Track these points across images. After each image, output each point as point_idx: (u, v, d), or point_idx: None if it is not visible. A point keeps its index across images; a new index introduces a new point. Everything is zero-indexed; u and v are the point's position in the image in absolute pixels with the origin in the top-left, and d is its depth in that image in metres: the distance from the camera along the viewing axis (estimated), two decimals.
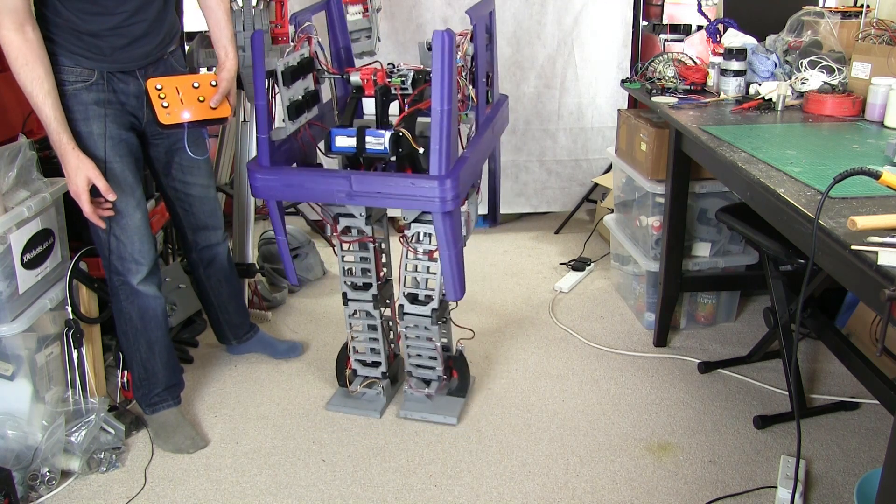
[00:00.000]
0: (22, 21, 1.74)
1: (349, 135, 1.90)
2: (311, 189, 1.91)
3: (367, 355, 2.35)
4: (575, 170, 3.85)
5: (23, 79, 1.77)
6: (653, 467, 2.07)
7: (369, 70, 2.01)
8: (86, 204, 1.88)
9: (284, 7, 2.71)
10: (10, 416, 1.98)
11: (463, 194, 1.89)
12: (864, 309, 2.55)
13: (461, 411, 2.31)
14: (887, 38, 2.22)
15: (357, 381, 2.37)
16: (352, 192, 1.87)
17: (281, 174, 1.93)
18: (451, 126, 1.79)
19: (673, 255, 2.55)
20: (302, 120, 2.03)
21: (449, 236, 1.89)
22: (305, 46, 2.02)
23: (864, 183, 1.43)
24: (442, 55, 1.73)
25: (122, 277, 2.07)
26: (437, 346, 2.22)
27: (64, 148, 1.84)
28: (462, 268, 1.99)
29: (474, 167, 2.00)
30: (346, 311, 2.26)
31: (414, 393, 2.32)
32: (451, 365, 2.34)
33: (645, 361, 2.61)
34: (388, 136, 1.87)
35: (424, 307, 2.15)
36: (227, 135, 3.38)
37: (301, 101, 2.00)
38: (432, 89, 1.78)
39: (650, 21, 3.73)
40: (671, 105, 2.38)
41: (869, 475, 1.76)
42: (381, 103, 1.98)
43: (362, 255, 2.19)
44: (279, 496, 1.99)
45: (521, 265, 3.45)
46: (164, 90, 1.93)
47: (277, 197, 1.98)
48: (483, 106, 2.10)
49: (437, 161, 1.80)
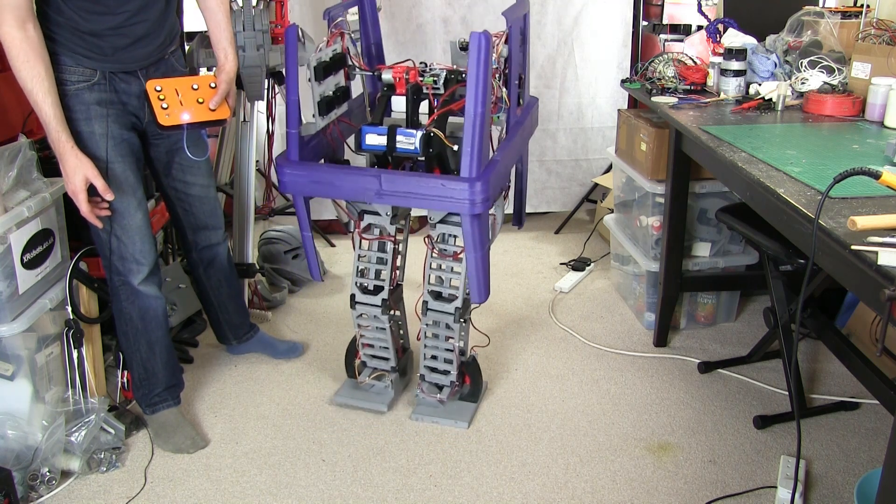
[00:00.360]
0: (24, 18, 1.74)
1: (380, 133, 1.89)
2: (340, 187, 1.90)
3: (378, 351, 2.34)
4: (575, 170, 3.85)
5: (23, 76, 1.77)
6: (653, 467, 2.07)
7: (402, 68, 2.00)
8: (83, 203, 1.87)
9: (284, 7, 2.71)
10: (10, 416, 1.98)
11: (493, 197, 1.88)
12: (864, 309, 2.55)
13: (472, 416, 2.29)
14: (887, 38, 2.22)
15: (366, 373, 2.36)
16: (381, 192, 1.86)
17: (310, 170, 1.93)
18: (483, 128, 1.78)
19: (673, 255, 2.55)
20: (332, 116, 2.03)
21: (477, 239, 1.89)
22: (338, 42, 2.01)
23: (864, 183, 1.43)
24: (479, 57, 1.72)
25: (123, 278, 2.07)
26: (455, 346, 2.20)
27: (63, 146, 1.83)
28: (487, 270, 1.98)
29: (504, 170, 1.99)
30: (353, 313, 2.25)
31: (426, 398, 2.30)
32: (465, 370, 2.32)
33: (645, 361, 2.61)
34: (419, 135, 1.87)
35: (448, 305, 2.14)
36: (227, 135, 3.38)
37: (332, 96, 2.00)
38: (467, 91, 1.76)
39: (650, 21, 3.73)
40: (671, 105, 2.38)
41: (869, 475, 1.76)
42: (411, 102, 1.98)
43: (379, 255, 2.19)
44: (279, 496, 1.99)
45: (521, 265, 3.45)
46: (164, 91, 1.93)
47: (305, 193, 1.97)
48: (514, 108, 2.09)
49: (468, 163, 1.79)
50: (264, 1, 2.66)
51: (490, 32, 1.75)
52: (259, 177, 3.41)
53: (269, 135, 3.00)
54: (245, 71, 2.58)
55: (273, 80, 2.84)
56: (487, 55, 1.73)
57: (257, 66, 2.61)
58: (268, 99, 2.85)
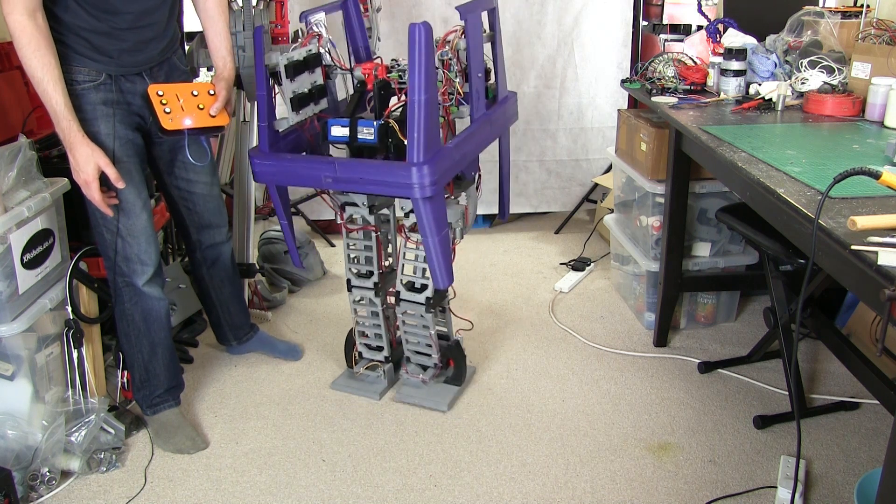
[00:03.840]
0: (34, 7, 1.75)
1: (343, 125, 1.99)
2: (301, 174, 2.01)
3: (372, 340, 2.44)
4: (575, 170, 3.85)
5: (33, 65, 1.76)
6: (653, 467, 2.07)
7: (371, 65, 2.09)
8: (96, 192, 1.88)
9: (284, 7, 2.71)
10: (10, 416, 1.98)
11: (443, 182, 1.93)
12: (864, 309, 2.55)
13: (453, 399, 2.36)
14: (887, 38, 2.22)
15: (361, 363, 2.48)
16: (337, 178, 1.94)
17: (276, 160, 2.02)
18: (428, 116, 1.83)
19: (673, 255, 2.55)
20: (308, 112, 2.11)
21: (431, 223, 1.93)
22: (314, 43, 2.10)
23: (864, 183, 1.43)
24: (415, 47, 1.78)
25: (127, 279, 2.07)
26: (431, 333, 2.28)
27: (74, 136, 1.83)
28: (448, 255, 2.04)
29: (460, 158, 2.03)
30: (350, 297, 2.37)
31: (410, 378, 2.39)
32: (448, 354, 2.39)
33: (645, 361, 2.61)
34: (376, 126, 1.95)
35: (420, 295, 2.23)
36: (227, 135, 3.38)
37: (306, 94, 2.08)
38: (408, 80, 1.83)
39: (650, 21, 3.73)
40: (671, 105, 2.38)
41: (869, 475, 1.76)
42: (378, 97, 2.05)
43: (366, 243, 2.29)
44: (279, 496, 1.99)
45: (521, 265, 3.45)
46: (166, 96, 1.94)
47: (275, 181, 2.08)
48: (480, 101, 2.13)
49: (413, 148, 1.84)
50: (264, 1, 2.66)
51: (430, 24, 1.80)
52: None
53: None
54: (245, 71, 2.58)
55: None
56: (427, 46, 1.78)
57: None
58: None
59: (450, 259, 2.06)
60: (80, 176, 1.87)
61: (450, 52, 2.03)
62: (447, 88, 2.05)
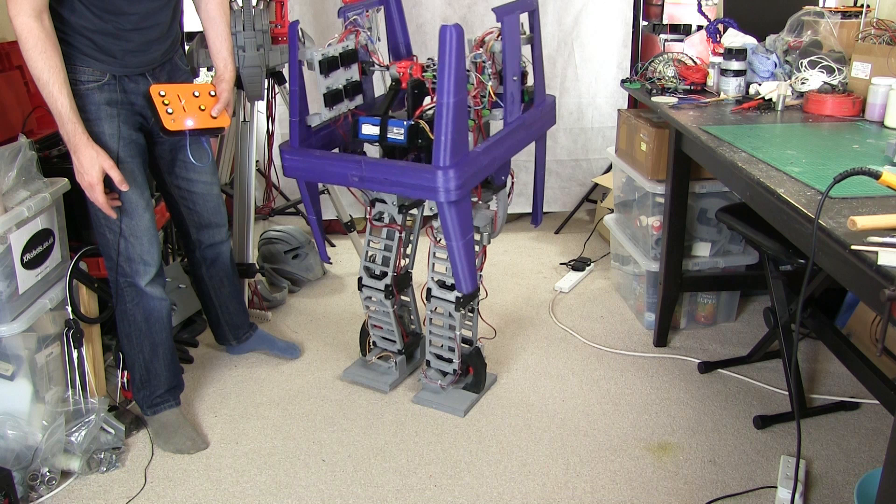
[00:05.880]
0: (40, 9, 1.74)
1: (374, 123, 1.98)
2: (328, 171, 2.01)
3: (384, 332, 2.45)
4: (575, 170, 3.85)
5: (39, 66, 1.76)
6: (653, 467, 2.07)
7: (406, 63, 2.07)
8: (100, 195, 1.88)
9: (284, 7, 2.71)
10: (10, 416, 1.98)
11: (469, 187, 1.91)
12: (864, 309, 2.55)
13: (470, 406, 2.34)
14: (887, 38, 2.22)
15: (374, 352, 2.49)
16: (363, 177, 1.94)
17: (305, 156, 2.02)
18: (456, 119, 1.81)
19: (673, 255, 2.55)
20: (341, 108, 2.10)
21: (456, 227, 1.92)
22: (351, 38, 2.09)
23: (864, 183, 1.43)
24: (446, 49, 1.76)
25: (130, 279, 2.07)
26: (456, 335, 2.26)
27: (78, 139, 1.83)
28: (472, 260, 2.02)
29: (489, 162, 2.01)
30: (360, 295, 2.39)
31: (429, 384, 2.37)
32: (468, 361, 2.37)
33: (645, 361, 2.61)
34: (406, 126, 1.94)
35: (450, 293, 2.20)
36: (227, 135, 3.38)
37: (340, 90, 2.07)
38: (437, 82, 1.81)
39: (650, 21, 3.73)
40: (671, 105, 2.38)
41: (869, 475, 1.76)
42: (412, 96, 2.04)
43: (387, 242, 2.29)
44: (279, 496, 1.99)
45: (521, 265, 3.45)
46: (168, 97, 1.94)
47: (303, 177, 2.08)
48: (514, 105, 2.10)
49: (439, 151, 1.82)
50: (264, 1, 2.66)
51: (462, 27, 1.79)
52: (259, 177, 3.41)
53: (269, 135, 3.00)
54: (245, 71, 2.58)
55: (273, 80, 2.84)
56: (458, 48, 1.77)
57: (257, 66, 2.61)
58: (268, 99, 2.85)
59: (473, 264, 2.05)
60: (85, 179, 1.86)
61: (484, 54, 1.99)
62: (479, 91, 2.02)
